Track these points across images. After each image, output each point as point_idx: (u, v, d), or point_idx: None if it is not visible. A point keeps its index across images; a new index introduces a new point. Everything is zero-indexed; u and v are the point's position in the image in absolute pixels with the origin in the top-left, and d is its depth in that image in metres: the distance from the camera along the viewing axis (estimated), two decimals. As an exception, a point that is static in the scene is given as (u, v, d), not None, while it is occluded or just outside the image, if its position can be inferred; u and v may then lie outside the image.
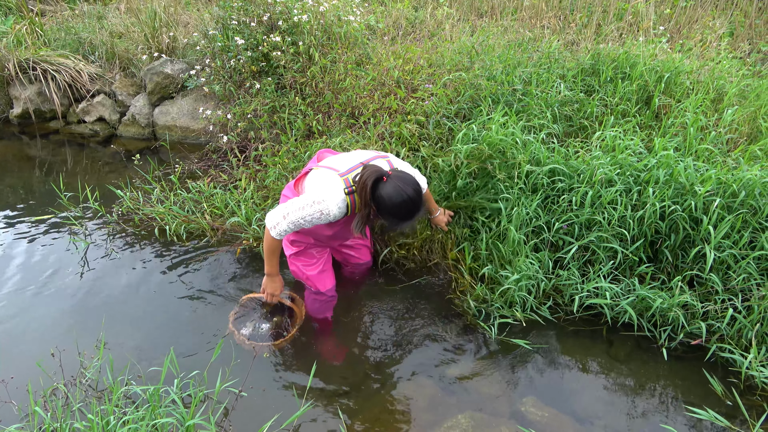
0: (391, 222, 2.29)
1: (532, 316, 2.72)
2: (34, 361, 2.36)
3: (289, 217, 2.32)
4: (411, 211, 2.22)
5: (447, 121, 3.35)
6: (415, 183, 2.24)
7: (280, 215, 2.35)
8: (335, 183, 2.30)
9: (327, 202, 2.26)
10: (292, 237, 2.65)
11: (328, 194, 2.27)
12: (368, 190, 2.19)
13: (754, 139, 3.33)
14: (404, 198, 2.17)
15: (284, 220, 2.33)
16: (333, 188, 2.29)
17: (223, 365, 2.38)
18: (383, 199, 2.19)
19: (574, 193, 2.84)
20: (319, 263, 2.76)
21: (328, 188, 2.30)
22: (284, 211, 2.34)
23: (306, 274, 2.76)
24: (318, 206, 2.26)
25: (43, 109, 5.17)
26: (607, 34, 4.58)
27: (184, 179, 3.90)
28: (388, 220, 2.28)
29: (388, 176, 2.20)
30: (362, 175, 2.22)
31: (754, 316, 2.48)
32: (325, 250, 2.80)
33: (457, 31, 4.65)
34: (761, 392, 2.40)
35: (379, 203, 2.21)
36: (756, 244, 2.64)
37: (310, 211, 2.28)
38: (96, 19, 5.65)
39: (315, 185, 2.37)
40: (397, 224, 2.29)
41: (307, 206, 2.28)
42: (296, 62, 3.97)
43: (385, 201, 2.19)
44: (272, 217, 2.37)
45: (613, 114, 3.40)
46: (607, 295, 2.65)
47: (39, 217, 3.67)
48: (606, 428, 2.27)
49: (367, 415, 2.31)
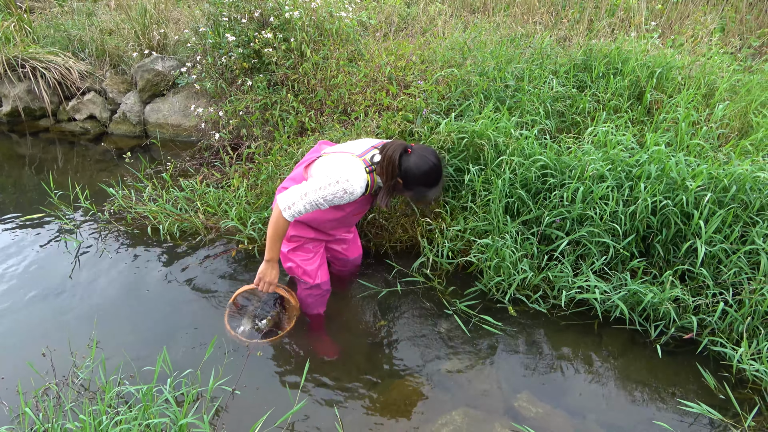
0: (418, 191, 2.39)
1: (523, 308, 2.73)
2: (24, 361, 2.34)
3: (307, 197, 2.32)
4: (438, 177, 2.37)
5: (435, 117, 3.35)
6: (435, 152, 2.38)
7: (296, 195, 2.33)
8: (355, 162, 2.36)
9: (352, 180, 2.30)
10: (291, 232, 2.64)
11: (352, 173, 2.31)
12: (396, 162, 2.30)
13: (744, 134, 3.35)
14: (431, 165, 2.31)
15: (301, 200, 2.32)
16: (355, 167, 2.34)
17: (216, 364, 2.38)
18: (411, 169, 2.31)
19: (566, 188, 2.84)
20: (316, 257, 2.77)
21: (350, 167, 2.33)
22: (302, 191, 2.33)
23: (304, 269, 2.75)
24: (342, 185, 2.30)
25: (32, 107, 5.12)
26: (599, 30, 4.59)
27: (176, 177, 3.88)
28: (416, 189, 2.38)
29: (412, 148, 2.34)
30: (387, 151, 2.33)
31: (745, 309, 2.49)
32: (321, 244, 2.80)
33: (450, 27, 4.65)
34: (753, 385, 2.42)
35: (408, 174, 2.32)
36: (747, 238, 2.65)
37: (334, 189, 2.30)
38: (85, 15, 5.60)
39: (334, 166, 2.37)
40: (425, 192, 2.40)
41: (330, 185, 2.30)
42: (288, 59, 3.95)
43: (414, 170, 2.31)
44: (287, 197, 2.35)
45: (605, 109, 3.41)
46: (596, 291, 2.66)
47: (29, 216, 3.64)
48: (599, 423, 2.29)
49: (361, 412, 2.31)
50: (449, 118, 3.18)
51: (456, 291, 2.95)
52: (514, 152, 2.99)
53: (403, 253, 3.22)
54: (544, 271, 2.81)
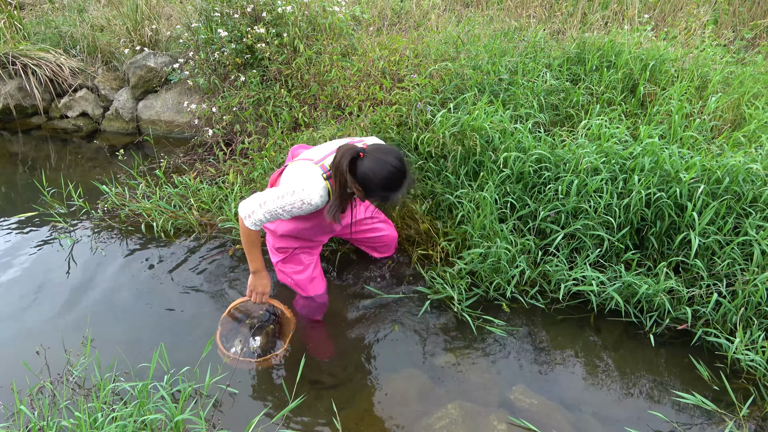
0: (381, 197, 2.19)
1: (519, 301, 2.73)
2: (19, 359, 2.33)
3: (266, 206, 2.23)
4: (399, 179, 2.13)
5: (431, 107, 3.33)
6: (395, 150, 2.16)
7: (255, 204, 2.25)
8: (312, 170, 2.23)
9: (308, 190, 2.18)
10: (277, 244, 2.60)
11: (308, 182, 2.19)
12: (345, 169, 2.11)
13: (737, 126, 3.36)
14: (389, 168, 2.09)
15: (260, 209, 2.23)
16: (311, 176, 2.22)
17: (213, 360, 2.37)
18: (366, 175, 2.10)
19: (560, 181, 2.85)
20: (307, 269, 2.71)
21: (306, 176, 2.22)
22: (260, 199, 2.24)
23: (294, 280, 2.71)
24: (299, 195, 2.18)
25: (24, 105, 5.08)
26: (592, 23, 4.58)
27: (170, 174, 3.86)
28: (376, 195, 2.18)
29: (364, 151, 2.12)
30: (335, 157, 2.14)
31: (738, 300, 2.51)
32: (314, 254, 2.76)
33: (443, 21, 4.63)
34: (747, 375, 2.44)
35: (364, 181, 2.11)
36: (740, 229, 2.66)
37: (291, 200, 2.19)
38: (76, 12, 5.55)
39: (292, 176, 2.28)
40: (387, 198, 2.18)
41: (286, 195, 2.20)
42: (281, 54, 3.94)
43: (369, 176, 2.09)
44: (247, 205, 2.26)
45: (598, 102, 3.41)
46: (593, 283, 2.67)
47: (22, 215, 3.62)
48: (594, 415, 2.30)
49: (357, 408, 2.32)
50: (445, 109, 3.17)
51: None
52: (509, 148, 2.98)
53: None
54: (541, 266, 2.82)
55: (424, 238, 3.13)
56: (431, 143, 3.07)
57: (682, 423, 2.25)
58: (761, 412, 2.27)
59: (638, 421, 2.26)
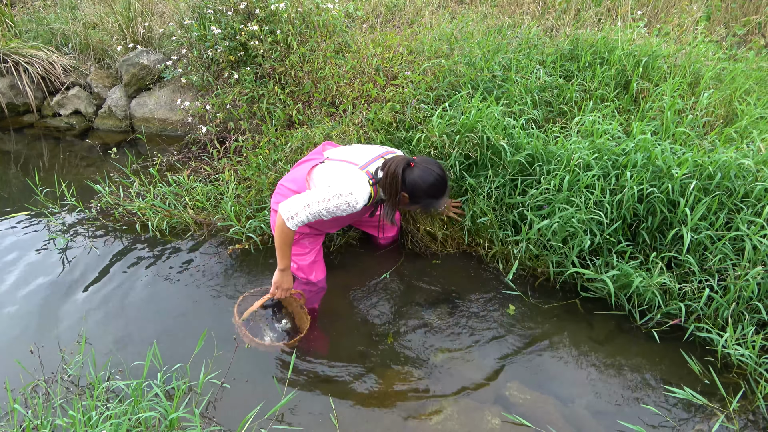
0: (426, 203, 2.44)
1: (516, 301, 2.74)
2: (12, 358, 2.33)
3: (310, 208, 2.33)
4: (444, 186, 2.41)
5: (425, 106, 3.34)
6: (437, 163, 2.42)
7: (300, 206, 2.34)
8: (359, 175, 2.38)
9: (355, 194, 2.33)
10: None
11: (356, 187, 2.34)
12: (399, 178, 2.33)
13: (729, 122, 3.37)
14: (436, 176, 2.36)
15: (304, 211, 2.34)
16: (359, 181, 2.36)
17: (206, 357, 2.37)
18: (416, 182, 2.35)
19: (552, 177, 2.86)
20: (311, 253, 2.78)
21: (354, 181, 2.36)
22: (305, 201, 2.34)
23: (297, 264, 2.76)
24: (346, 198, 2.32)
25: (16, 103, 5.06)
26: (585, 20, 4.59)
27: (164, 172, 3.85)
28: (422, 201, 2.42)
29: (415, 162, 2.37)
30: (389, 167, 2.36)
31: (730, 295, 2.53)
32: (318, 240, 2.81)
33: (437, 18, 4.63)
34: (737, 370, 2.46)
35: (414, 188, 2.36)
36: (732, 225, 2.68)
37: (337, 202, 2.33)
38: (68, 9, 5.53)
39: (338, 178, 2.40)
40: (431, 204, 2.45)
41: (333, 198, 2.32)
42: (275, 51, 3.93)
43: (420, 183, 2.35)
44: (290, 206, 2.36)
45: (591, 99, 3.42)
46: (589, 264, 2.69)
47: (15, 214, 3.60)
48: (587, 408, 2.31)
49: (351, 403, 2.32)
50: (440, 108, 3.17)
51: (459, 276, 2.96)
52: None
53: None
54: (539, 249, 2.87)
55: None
56: (427, 143, 3.07)
57: (674, 417, 2.27)
58: (751, 406, 2.30)
59: (631, 415, 2.28)
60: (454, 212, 3.10)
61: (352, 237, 3.29)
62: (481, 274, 3.05)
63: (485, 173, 3.07)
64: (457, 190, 3.16)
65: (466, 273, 3.07)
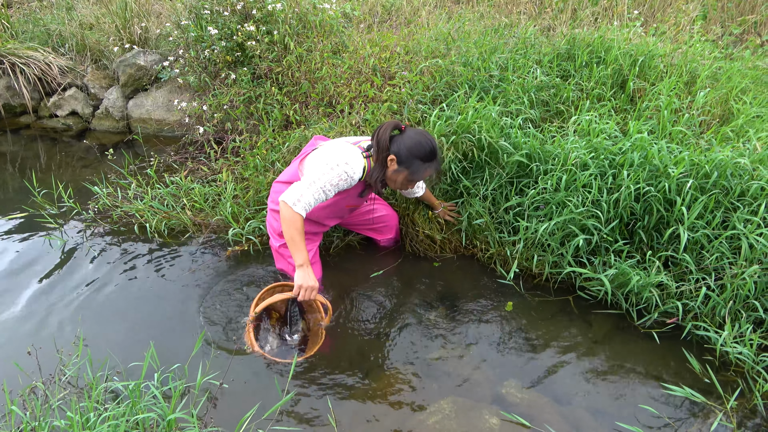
0: (415, 167, 2.39)
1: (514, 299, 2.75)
2: (10, 360, 2.32)
3: (314, 185, 2.31)
4: (433, 151, 2.38)
5: (422, 106, 3.34)
6: (428, 132, 2.44)
7: (303, 187, 2.31)
8: (351, 148, 2.39)
9: (351, 163, 2.33)
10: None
11: (350, 157, 2.35)
12: (387, 137, 2.34)
13: (725, 121, 3.38)
14: (423, 137, 2.36)
15: (308, 190, 2.30)
16: (352, 151, 2.37)
17: (204, 358, 2.37)
18: (404, 141, 2.36)
19: (549, 176, 2.87)
20: (308, 254, 2.75)
21: (348, 152, 2.36)
22: (307, 182, 2.32)
23: (294, 265, 2.73)
24: (343, 167, 2.32)
25: (12, 104, 5.05)
26: (582, 19, 4.60)
27: (161, 173, 3.85)
28: (411, 165, 2.38)
29: (406, 127, 2.40)
30: (379, 130, 2.36)
31: (727, 293, 2.53)
32: (315, 241, 2.80)
33: (434, 18, 4.63)
34: (735, 368, 2.47)
35: (401, 147, 2.36)
36: (728, 223, 2.69)
37: (337, 172, 2.32)
38: (65, 10, 5.51)
39: (332, 153, 2.38)
40: (419, 168, 2.40)
41: (332, 169, 2.31)
42: (271, 51, 3.93)
43: (406, 142, 2.35)
44: (293, 192, 2.31)
45: (588, 98, 3.42)
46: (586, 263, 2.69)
47: (12, 216, 3.59)
48: (585, 408, 2.31)
49: (349, 403, 2.32)
50: (438, 108, 3.17)
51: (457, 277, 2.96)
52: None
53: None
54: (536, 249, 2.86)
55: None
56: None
57: (672, 415, 2.28)
58: (749, 404, 2.30)
59: (629, 414, 2.28)
60: (449, 216, 3.10)
61: (353, 240, 3.28)
62: (479, 276, 3.06)
63: (481, 175, 3.08)
64: (452, 193, 3.16)
65: (464, 274, 3.07)
